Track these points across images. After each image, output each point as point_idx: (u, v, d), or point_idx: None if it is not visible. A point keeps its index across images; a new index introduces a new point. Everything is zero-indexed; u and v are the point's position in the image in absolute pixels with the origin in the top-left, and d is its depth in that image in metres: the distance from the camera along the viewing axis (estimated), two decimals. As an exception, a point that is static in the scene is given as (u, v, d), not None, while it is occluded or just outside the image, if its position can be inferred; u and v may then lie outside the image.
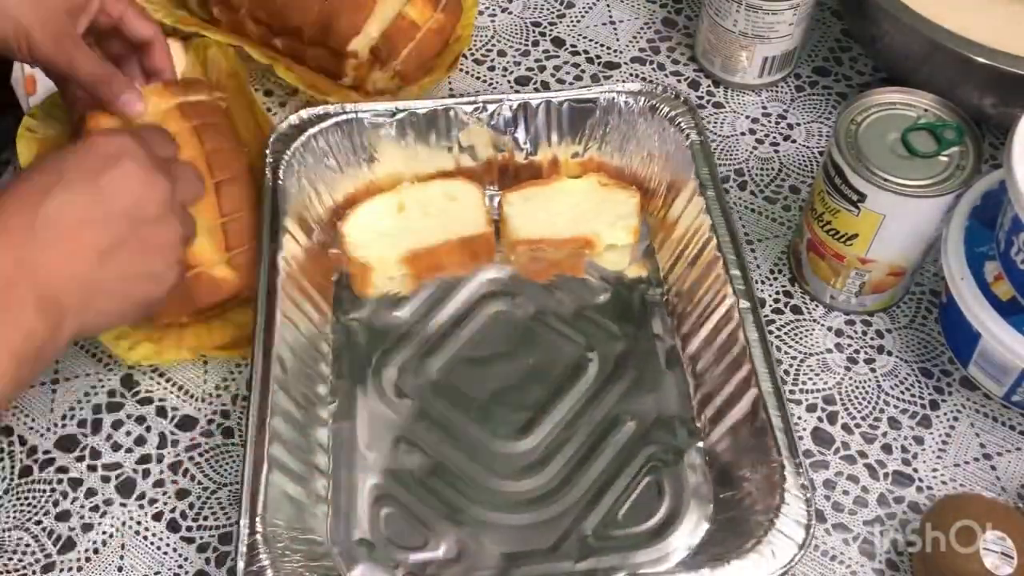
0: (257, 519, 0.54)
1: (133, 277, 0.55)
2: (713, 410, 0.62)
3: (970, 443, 0.65)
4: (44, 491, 0.63)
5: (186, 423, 0.66)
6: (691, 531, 0.59)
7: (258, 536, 0.54)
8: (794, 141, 0.79)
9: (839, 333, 0.69)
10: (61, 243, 0.51)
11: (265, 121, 0.76)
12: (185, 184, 0.60)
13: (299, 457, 0.60)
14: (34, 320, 0.50)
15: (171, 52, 0.72)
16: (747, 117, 0.81)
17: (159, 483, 0.63)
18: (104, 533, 0.61)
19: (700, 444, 0.63)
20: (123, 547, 0.61)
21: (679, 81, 0.84)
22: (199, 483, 0.63)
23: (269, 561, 0.53)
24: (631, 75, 0.84)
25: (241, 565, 0.53)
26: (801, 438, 0.64)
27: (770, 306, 0.71)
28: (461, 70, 0.84)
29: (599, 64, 0.85)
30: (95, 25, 0.67)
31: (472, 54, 0.85)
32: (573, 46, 0.86)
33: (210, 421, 0.66)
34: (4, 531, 0.61)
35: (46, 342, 0.51)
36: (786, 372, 0.67)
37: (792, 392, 0.67)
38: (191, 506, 0.62)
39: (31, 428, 0.65)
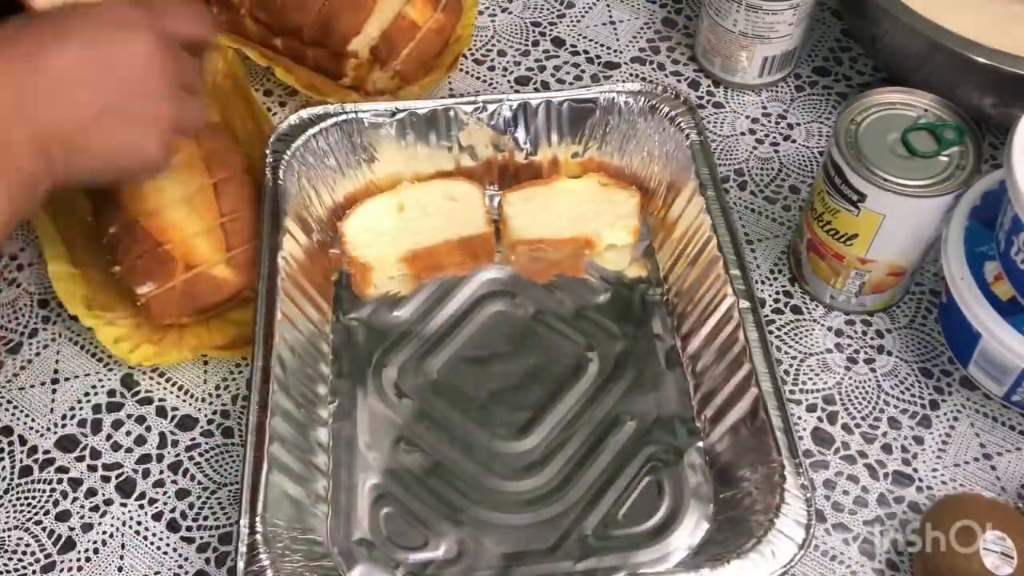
0: (257, 519, 0.54)
1: (118, 144, 0.56)
2: (713, 410, 0.62)
3: (970, 443, 0.65)
4: (44, 491, 0.63)
5: (186, 423, 0.66)
6: (691, 531, 0.59)
7: (258, 536, 0.54)
8: (794, 141, 0.80)
9: (839, 333, 0.69)
10: (60, 94, 0.52)
11: (266, 121, 0.76)
12: (189, 71, 0.60)
13: (299, 457, 0.60)
14: (28, 160, 0.51)
15: None
16: (747, 117, 0.81)
17: (159, 483, 0.63)
18: (104, 533, 0.61)
19: (700, 444, 0.63)
20: (123, 547, 0.61)
21: (679, 81, 0.84)
22: (199, 483, 0.63)
23: (269, 561, 0.53)
24: (631, 75, 0.84)
25: (241, 565, 0.53)
26: (801, 438, 0.64)
27: (770, 306, 0.71)
28: (461, 70, 0.84)
29: (599, 64, 0.85)
30: None
31: (472, 54, 0.85)
32: (573, 46, 0.86)
33: (210, 421, 0.66)
34: (4, 531, 0.61)
35: (39, 182, 0.52)
36: (786, 372, 0.67)
37: (792, 392, 0.67)
38: (191, 506, 0.62)
39: (31, 428, 0.65)
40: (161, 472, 0.64)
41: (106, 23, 0.54)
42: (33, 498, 0.63)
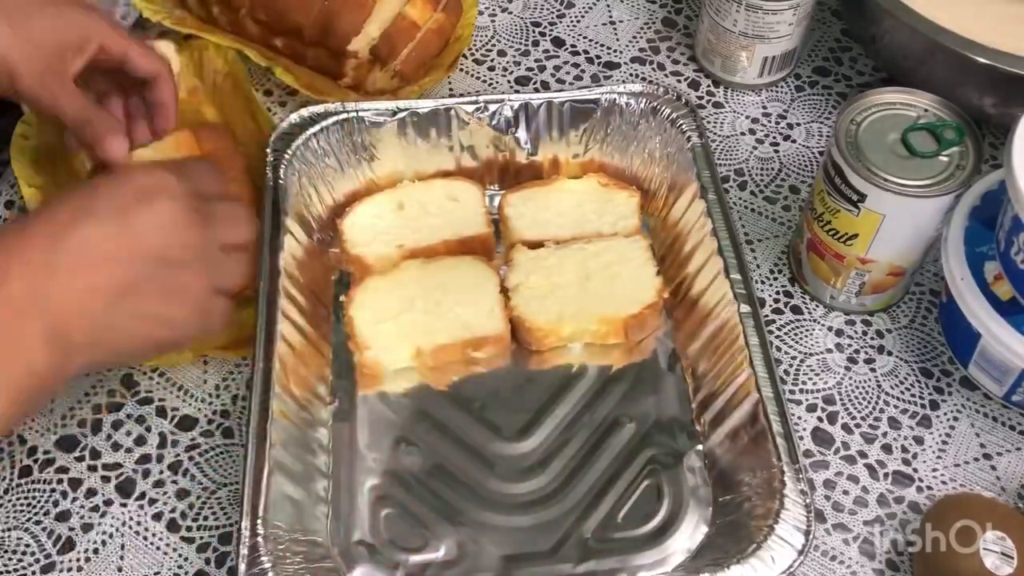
0: (258, 521, 0.54)
1: (149, 319, 0.54)
2: (713, 414, 0.62)
3: (970, 443, 0.65)
4: (44, 491, 0.63)
5: (186, 423, 0.66)
6: (690, 534, 0.59)
7: (259, 538, 0.54)
8: (794, 141, 0.79)
9: (839, 333, 0.69)
10: (78, 278, 0.51)
11: (266, 121, 0.76)
12: (230, 226, 0.58)
13: (299, 458, 0.60)
14: (41, 353, 0.49)
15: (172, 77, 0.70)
16: (747, 117, 0.81)
17: (159, 483, 0.63)
18: (104, 533, 0.61)
19: (700, 447, 0.63)
20: (123, 547, 0.61)
21: (679, 81, 0.83)
22: (199, 483, 0.63)
23: (270, 563, 0.53)
24: (631, 75, 0.84)
25: (243, 567, 0.53)
26: (801, 438, 0.64)
27: (770, 306, 0.71)
28: (461, 70, 0.84)
29: (599, 64, 0.85)
30: (97, 65, 0.66)
31: (472, 54, 0.85)
32: (573, 46, 0.86)
33: (210, 421, 0.66)
34: (4, 531, 0.61)
35: (52, 375, 0.50)
36: (786, 372, 0.67)
37: (792, 392, 0.67)
38: (191, 506, 0.62)
39: (31, 428, 0.65)
40: (161, 472, 0.64)
41: (129, 193, 0.53)
42: (33, 498, 0.63)
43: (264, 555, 0.53)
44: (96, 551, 0.61)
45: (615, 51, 0.86)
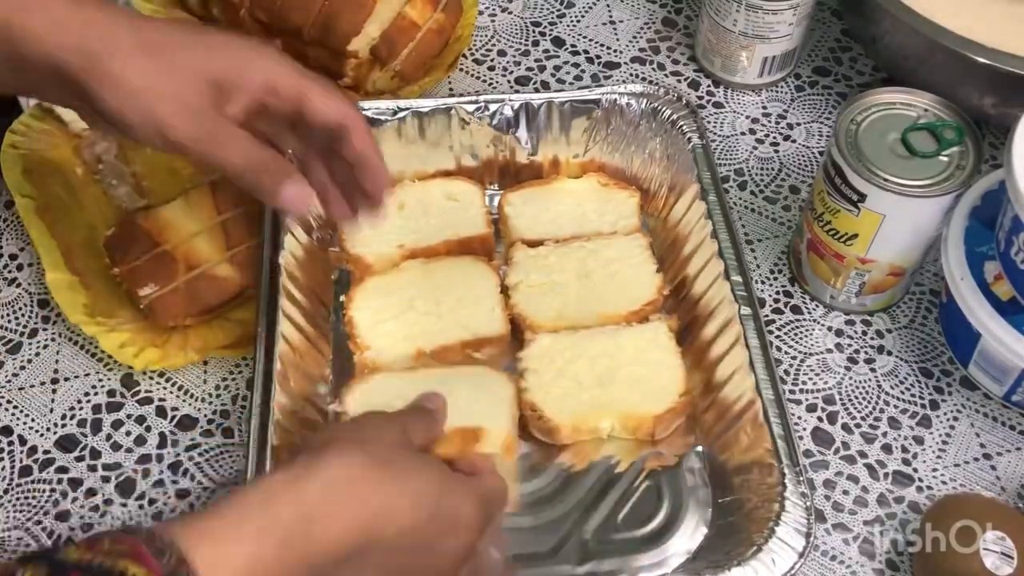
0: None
1: None
2: (713, 415, 0.62)
3: (970, 443, 0.65)
4: (44, 491, 0.63)
5: (186, 423, 0.66)
6: (690, 535, 0.59)
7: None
8: (794, 141, 0.79)
9: (839, 333, 0.69)
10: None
11: None
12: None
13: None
14: None
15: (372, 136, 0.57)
16: (747, 117, 0.81)
17: (159, 483, 0.63)
18: (104, 533, 0.61)
19: (700, 448, 0.62)
20: (123, 547, 0.61)
21: (679, 81, 0.83)
22: (199, 483, 0.63)
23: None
24: (631, 75, 0.84)
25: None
26: (801, 438, 0.64)
27: (770, 306, 0.71)
28: (461, 70, 0.84)
29: (599, 64, 0.85)
30: (265, 113, 0.54)
31: (472, 54, 0.85)
32: (573, 46, 0.86)
33: (210, 421, 0.66)
34: (4, 531, 0.61)
35: None
36: (786, 372, 0.67)
37: (792, 392, 0.67)
38: (191, 506, 0.62)
39: (31, 428, 0.65)
40: (161, 472, 0.64)
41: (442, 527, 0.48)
42: (33, 498, 0.63)
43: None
44: (96, 551, 0.61)
45: (615, 51, 0.86)
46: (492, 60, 0.85)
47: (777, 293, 0.71)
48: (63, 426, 0.65)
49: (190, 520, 0.43)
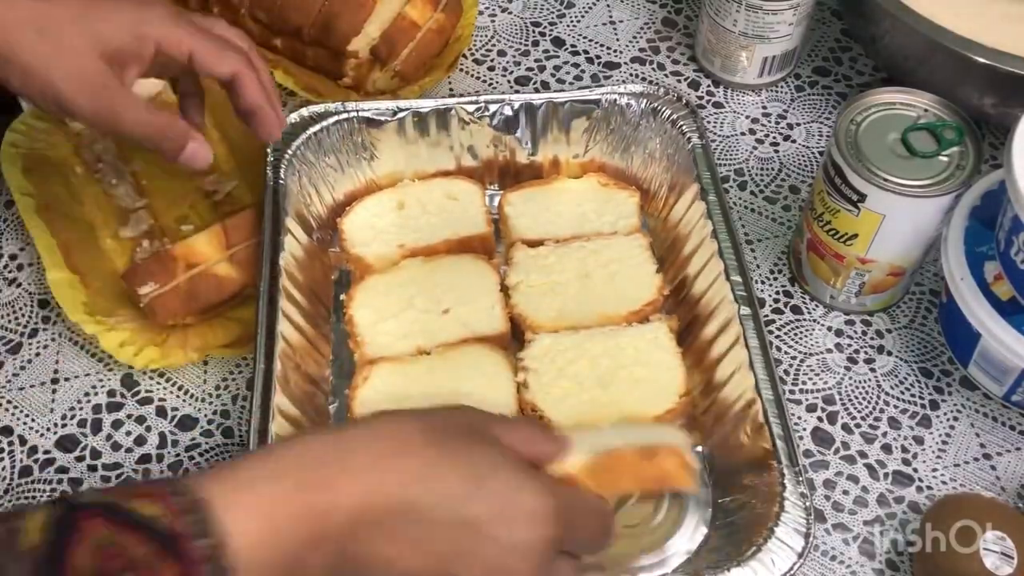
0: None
1: None
2: (713, 415, 0.62)
3: (970, 443, 0.65)
4: (44, 491, 0.63)
5: (186, 423, 0.66)
6: (690, 535, 0.59)
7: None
8: (794, 141, 0.79)
9: (839, 333, 0.69)
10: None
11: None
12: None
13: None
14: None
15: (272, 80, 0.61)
16: (747, 117, 0.81)
17: (159, 483, 0.63)
18: (104, 533, 0.61)
19: (700, 448, 0.62)
20: (123, 547, 0.61)
21: (679, 81, 0.83)
22: (199, 483, 0.63)
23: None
24: (631, 75, 0.84)
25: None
26: (801, 438, 0.64)
27: (770, 306, 0.71)
28: (461, 70, 0.84)
29: (599, 64, 0.85)
30: (164, 68, 0.58)
31: (472, 54, 0.85)
32: (573, 46, 0.86)
33: (210, 421, 0.66)
34: (4, 531, 0.61)
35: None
36: (786, 372, 0.67)
37: (792, 392, 0.67)
38: (191, 506, 0.62)
39: (31, 428, 0.65)
40: (161, 472, 0.64)
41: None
42: (33, 498, 0.63)
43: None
44: (96, 551, 0.61)
45: (615, 51, 0.86)
46: (492, 60, 0.85)
47: (777, 293, 0.71)
48: (63, 426, 0.65)
49: (213, 467, 0.42)
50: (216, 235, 0.67)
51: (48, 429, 0.65)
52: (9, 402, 0.66)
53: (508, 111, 0.72)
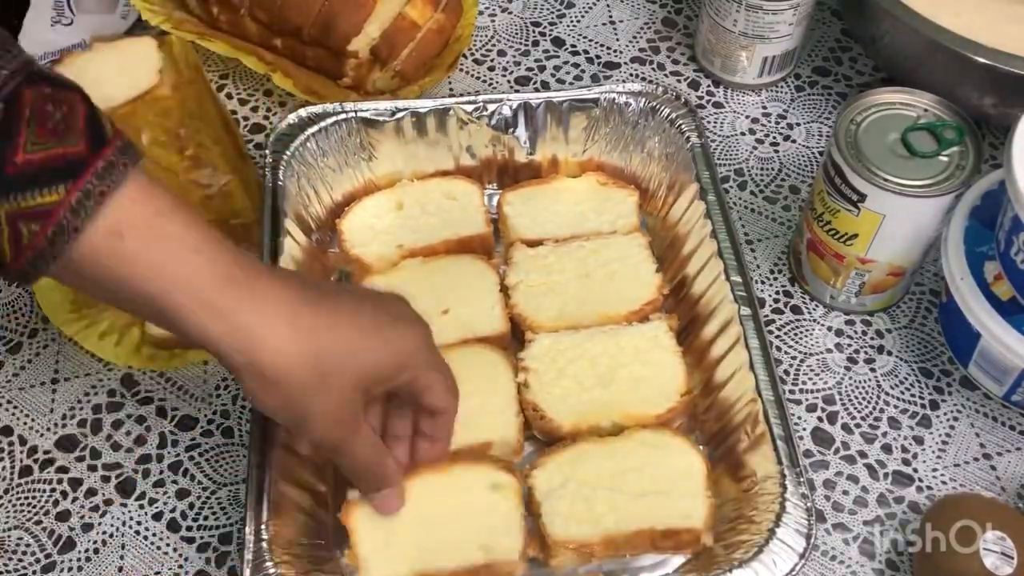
0: (263, 526, 0.54)
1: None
2: (713, 415, 0.62)
3: (970, 443, 0.65)
4: (44, 491, 0.63)
5: (186, 423, 0.66)
6: (690, 536, 0.59)
7: (264, 543, 0.54)
8: (794, 141, 0.79)
9: (839, 333, 0.69)
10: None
11: (222, 109, 0.76)
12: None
13: (302, 462, 0.59)
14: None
15: None
16: (747, 117, 0.81)
17: (159, 483, 0.63)
18: (104, 533, 0.61)
19: (700, 448, 0.62)
20: (123, 547, 0.61)
21: (679, 81, 0.83)
22: (199, 483, 0.63)
23: (275, 569, 0.53)
24: (631, 75, 0.84)
25: (248, 573, 0.53)
26: (801, 438, 0.64)
27: (770, 306, 0.71)
28: (461, 70, 0.84)
29: (599, 64, 0.85)
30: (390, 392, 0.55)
31: (472, 54, 0.85)
32: (573, 46, 0.86)
33: (210, 421, 0.66)
34: (4, 531, 0.61)
35: None
36: (786, 372, 0.67)
37: (792, 392, 0.67)
38: (191, 506, 0.62)
39: (31, 428, 0.65)
40: (161, 472, 0.64)
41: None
42: (33, 498, 0.63)
43: (269, 561, 0.53)
44: (96, 551, 0.61)
45: (615, 51, 0.86)
46: (492, 60, 0.85)
47: (777, 293, 0.71)
48: (63, 426, 0.65)
49: None
50: None
51: (48, 429, 0.65)
52: (9, 402, 0.66)
53: (506, 111, 0.72)
